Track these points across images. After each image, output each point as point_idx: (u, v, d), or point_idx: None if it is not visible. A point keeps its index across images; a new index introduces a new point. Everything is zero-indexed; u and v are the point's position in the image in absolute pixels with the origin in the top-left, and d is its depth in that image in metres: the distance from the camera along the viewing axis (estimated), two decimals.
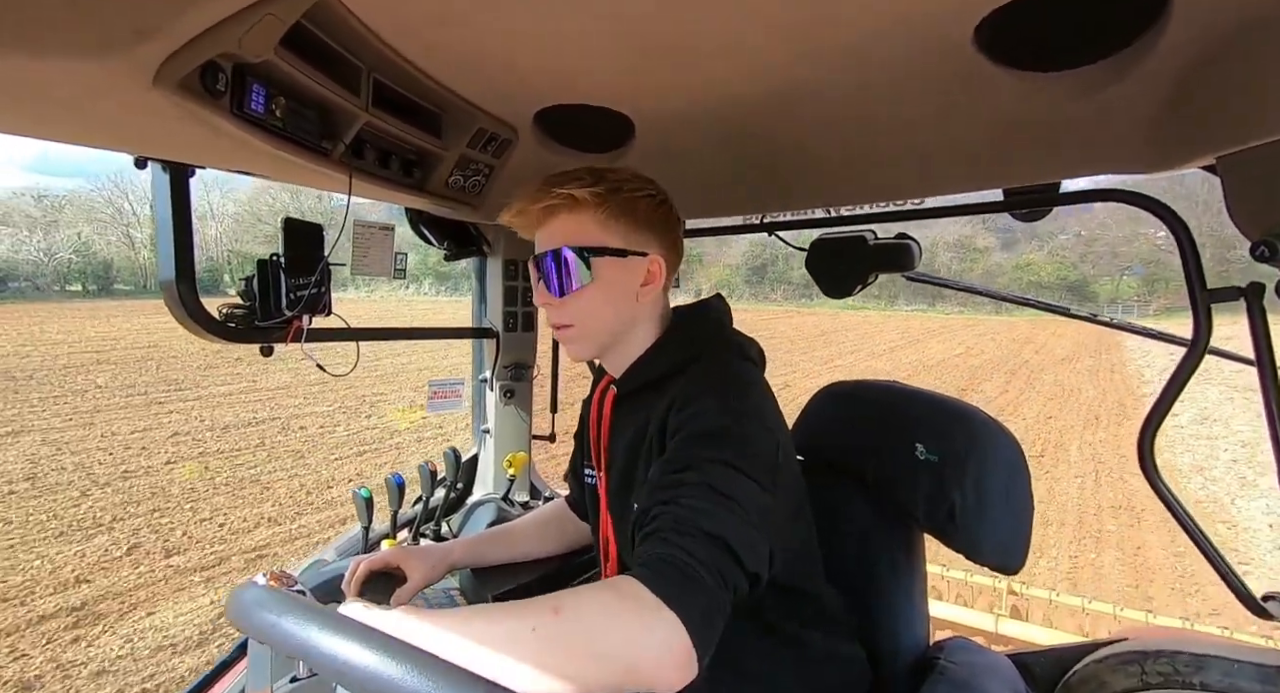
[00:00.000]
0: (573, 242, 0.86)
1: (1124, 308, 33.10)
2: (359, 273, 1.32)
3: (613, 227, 0.86)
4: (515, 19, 0.70)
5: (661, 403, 0.84)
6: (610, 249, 0.86)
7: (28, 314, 22.19)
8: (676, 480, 0.69)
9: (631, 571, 0.60)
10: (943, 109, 0.91)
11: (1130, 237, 35.45)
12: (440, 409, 1.75)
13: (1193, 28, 0.67)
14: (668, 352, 0.91)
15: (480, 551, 1.16)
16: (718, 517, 0.64)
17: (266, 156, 0.84)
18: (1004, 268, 39.80)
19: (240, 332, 1.06)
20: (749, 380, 0.85)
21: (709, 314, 0.97)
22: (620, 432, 0.95)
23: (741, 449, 0.72)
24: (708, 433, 0.74)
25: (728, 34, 0.73)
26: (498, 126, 1.06)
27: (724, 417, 0.75)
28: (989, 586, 2.82)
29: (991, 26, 0.70)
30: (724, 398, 0.78)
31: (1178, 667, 0.94)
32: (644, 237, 0.88)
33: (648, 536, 0.65)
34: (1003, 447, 0.99)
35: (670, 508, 0.66)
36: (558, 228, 0.87)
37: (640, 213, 0.88)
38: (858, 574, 1.07)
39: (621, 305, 0.89)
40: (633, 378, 0.92)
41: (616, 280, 0.87)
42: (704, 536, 0.62)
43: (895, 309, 29.01)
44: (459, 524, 1.63)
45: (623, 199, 0.86)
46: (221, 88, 0.68)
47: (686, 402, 0.80)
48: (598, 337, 0.91)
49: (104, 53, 0.55)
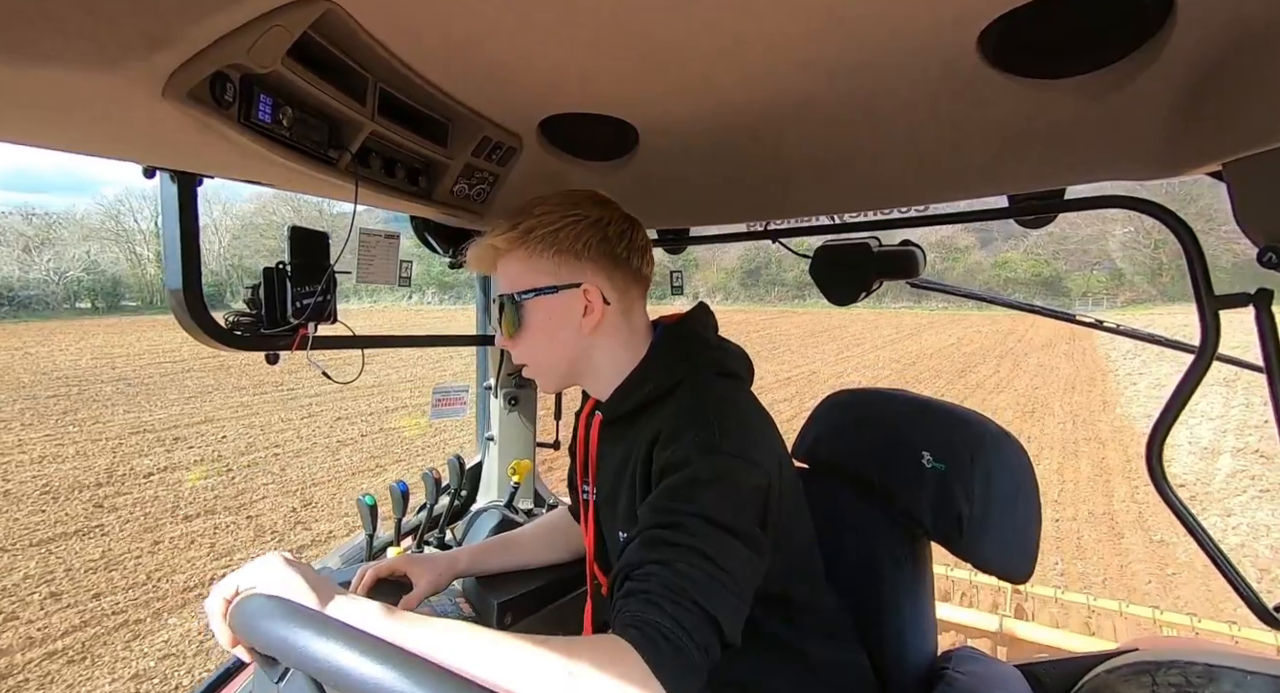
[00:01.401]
0: (507, 288, 0.90)
1: (1094, 301, 34.95)
2: (365, 281, 1.32)
3: (537, 264, 0.88)
4: (520, 29, 0.71)
5: (645, 433, 0.83)
6: (539, 288, 0.88)
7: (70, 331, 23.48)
8: (668, 539, 0.68)
9: (629, 633, 0.61)
10: (947, 116, 0.91)
11: (1098, 235, 36.58)
12: (444, 416, 1.75)
13: (1198, 34, 0.67)
14: (648, 379, 0.89)
15: (485, 558, 1.16)
16: (709, 588, 0.65)
17: (274, 166, 0.84)
18: (983, 265, 41.02)
19: (246, 340, 1.06)
20: (733, 407, 0.83)
21: (689, 331, 0.95)
22: (607, 456, 0.95)
23: (731, 502, 0.72)
24: (696, 481, 0.73)
25: (732, 43, 0.73)
26: (503, 135, 1.07)
27: (711, 460, 0.74)
28: (993, 585, 2.81)
29: (995, 34, 0.70)
30: (709, 435, 0.76)
31: (1190, 678, 0.93)
32: (576, 267, 0.88)
33: (640, 593, 0.65)
34: (1010, 456, 0.98)
35: (663, 571, 0.65)
36: (500, 273, 0.92)
37: (565, 243, 0.87)
38: (864, 583, 1.07)
39: (565, 340, 0.89)
40: (614, 406, 0.92)
41: (553, 317, 0.89)
42: (696, 608, 0.63)
43: (884, 307, 30.07)
44: (463, 532, 1.63)
45: (540, 235, 0.87)
46: (230, 98, 0.69)
47: (671, 438, 0.79)
48: (553, 371, 0.94)
49: (115, 63, 0.56)
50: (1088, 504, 5.64)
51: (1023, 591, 2.78)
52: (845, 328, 22.52)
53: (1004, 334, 18.63)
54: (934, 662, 1.06)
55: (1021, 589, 2.78)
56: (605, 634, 0.62)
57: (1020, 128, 0.91)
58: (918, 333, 20.59)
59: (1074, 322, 1.51)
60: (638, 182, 1.22)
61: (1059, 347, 14.85)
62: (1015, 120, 0.89)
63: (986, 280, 38.40)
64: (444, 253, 1.60)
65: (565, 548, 1.22)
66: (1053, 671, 1.10)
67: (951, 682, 0.97)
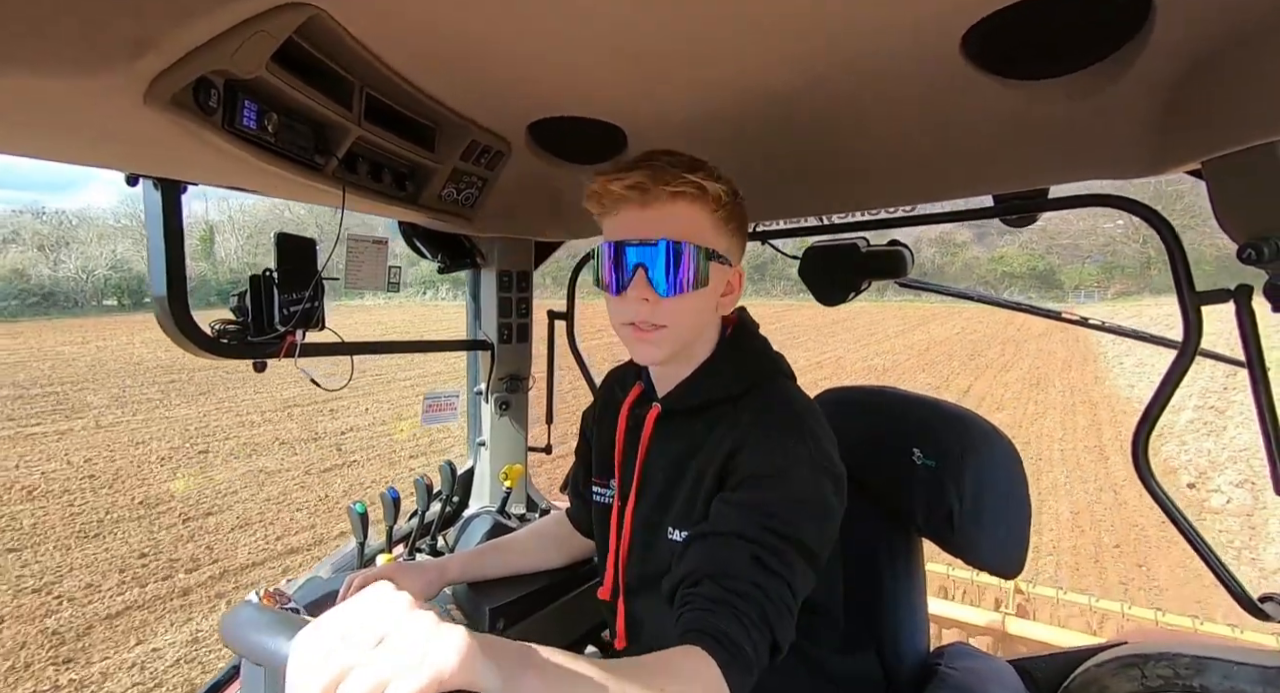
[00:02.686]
0: (694, 237, 0.78)
1: (1085, 293, 36.64)
2: (353, 287, 1.31)
3: (725, 230, 0.83)
4: (507, 33, 0.71)
5: (719, 431, 0.83)
6: (720, 253, 0.82)
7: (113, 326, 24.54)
8: (770, 565, 0.71)
9: (712, 645, 0.64)
10: (933, 117, 0.92)
11: (1089, 230, 38.07)
12: (435, 422, 1.74)
13: (1176, 35, 0.68)
14: (724, 376, 0.87)
15: (476, 565, 1.15)
16: (784, 618, 0.69)
17: (259, 172, 0.83)
18: (980, 260, 42.28)
19: (233, 347, 1.05)
20: (817, 414, 0.85)
21: (750, 332, 0.94)
22: (660, 452, 0.90)
23: (823, 529, 0.76)
24: (802, 500, 0.75)
25: (718, 45, 0.74)
26: (490, 139, 1.07)
27: (814, 478, 0.76)
28: (995, 584, 2.82)
29: (978, 36, 0.71)
30: (804, 441, 0.78)
31: (1178, 669, 0.94)
32: (737, 245, 0.87)
33: (732, 608, 0.67)
34: (1000, 452, 0.99)
35: (761, 597, 0.69)
36: (677, 215, 0.78)
37: (741, 221, 0.86)
38: (857, 581, 1.07)
39: (708, 314, 0.86)
40: (683, 398, 0.88)
41: (714, 288, 0.84)
42: (770, 634, 0.67)
43: (886, 300, 31.21)
44: (455, 538, 1.62)
45: (736, 205, 0.84)
46: (214, 104, 0.68)
47: (766, 442, 0.79)
48: (681, 341, 0.85)
49: (96, 69, 0.55)
50: (1084, 442, 7.74)
51: (1025, 590, 2.80)
52: (854, 320, 23.58)
53: (1003, 324, 19.78)
54: (927, 658, 1.06)
55: (1023, 589, 2.80)
56: (687, 648, 0.64)
57: (1004, 128, 0.92)
58: (923, 324, 21.95)
59: (1060, 319, 1.53)
60: None
61: (1055, 334, 15.98)
62: (999, 121, 0.90)
63: (983, 274, 39.80)
64: (433, 258, 1.60)
65: (558, 554, 1.21)
66: (1044, 665, 1.11)
67: (945, 677, 0.97)
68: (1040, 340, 15.96)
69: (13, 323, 27.59)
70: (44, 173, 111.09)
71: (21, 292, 35.69)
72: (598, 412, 1.06)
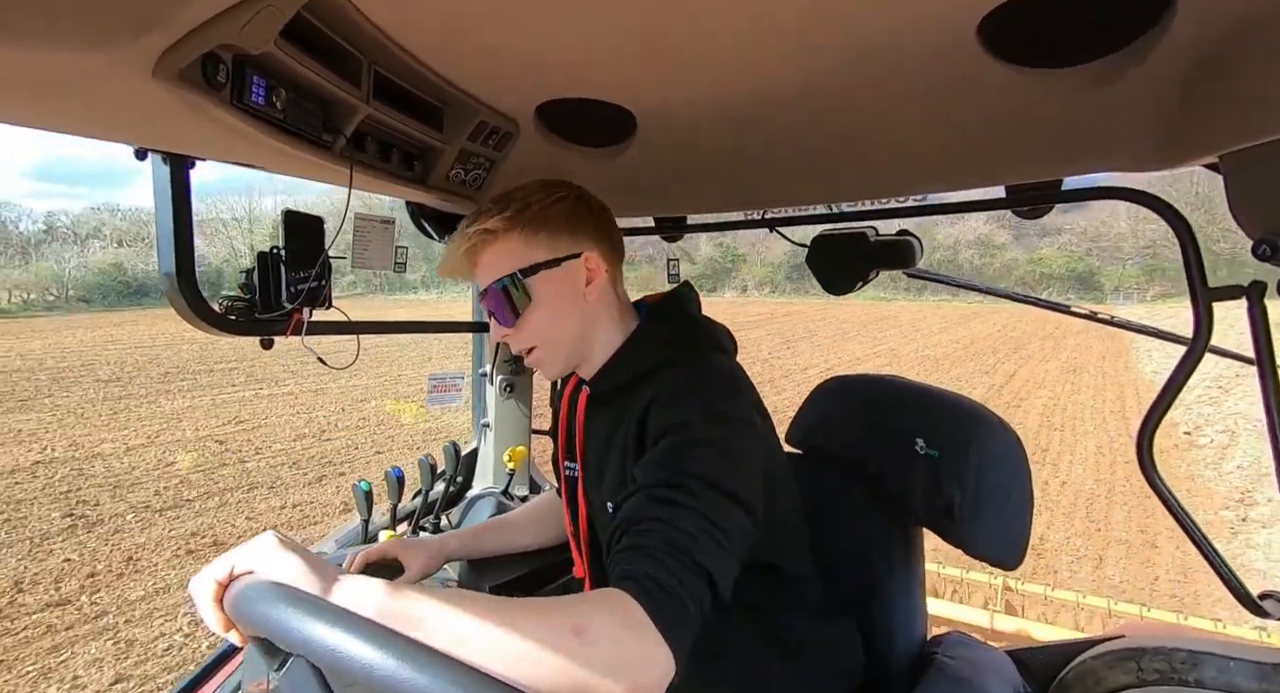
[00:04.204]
0: (504, 270, 0.87)
1: (1125, 295, 36.91)
2: (359, 266, 1.32)
3: (535, 241, 0.88)
4: (517, 12, 0.70)
5: (638, 401, 0.84)
6: (542, 263, 0.87)
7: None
8: (670, 498, 0.69)
9: (627, 584, 0.62)
10: (945, 105, 0.91)
11: (1130, 232, 38.19)
12: (440, 403, 1.75)
13: (1196, 25, 0.67)
14: (640, 353, 0.90)
15: (477, 542, 1.17)
16: (708, 549, 0.66)
17: (267, 149, 0.83)
18: (1019, 262, 42.38)
19: (241, 324, 1.06)
20: (730, 375, 0.86)
21: (678, 308, 0.97)
22: (595, 430, 0.95)
23: (732, 464, 0.73)
24: (697, 442, 0.74)
25: (730, 28, 0.73)
26: (499, 120, 1.06)
27: (713, 425, 0.76)
28: (984, 582, 2.85)
29: (994, 23, 0.70)
30: (710, 400, 0.79)
31: (1174, 663, 0.95)
32: (570, 239, 0.89)
33: (639, 548, 0.66)
34: (1003, 443, 0.99)
35: (665, 528, 0.66)
36: (487, 263, 0.89)
37: (559, 218, 0.89)
38: (856, 569, 1.08)
39: (573, 312, 0.90)
40: (605, 379, 0.93)
41: (559, 290, 0.88)
42: (695, 567, 0.65)
43: (923, 300, 32.00)
44: (458, 518, 1.64)
45: (535, 213, 0.87)
46: (222, 79, 0.68)
47: (671, 400, 0.80)
48: (564, 349, 0.92)
49: (105, 43, 0.55)
50: (1110, 408, 9.43)
51: (1013, 587, 2.83)
52: (897, 317, 24.72)
53: (1042, 322, 20.49)
54: (924, 646, 1.07)
55: (1012, 586, 2.83)
56: (605, 588, 0.63)
57: (1018, 118, 0.91)
58: (964, 322, 22.67)
59: (1069, 313, 1.52)
60: (635, 169, 1.22)
61: (1092, 331, 17.16)
62: (1013, 110, 0.89)
63: (1022, 275, 39.99)
64: (439, 239, 1.60)
65: (556, 530, 1.23)
66: (1040, 656, 1.12)
67: (941, 666, 0.98)
68: (1078, 337, 17.08)
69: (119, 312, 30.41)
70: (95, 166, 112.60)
71: (120, 284, 38.67)
72: (555, 396, 1.10)
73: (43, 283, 36.47)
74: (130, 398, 10.14)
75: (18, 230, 46.80)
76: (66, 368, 13.14)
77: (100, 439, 7.64)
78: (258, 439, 7.72)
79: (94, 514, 5.21)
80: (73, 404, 9.65)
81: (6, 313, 31.52)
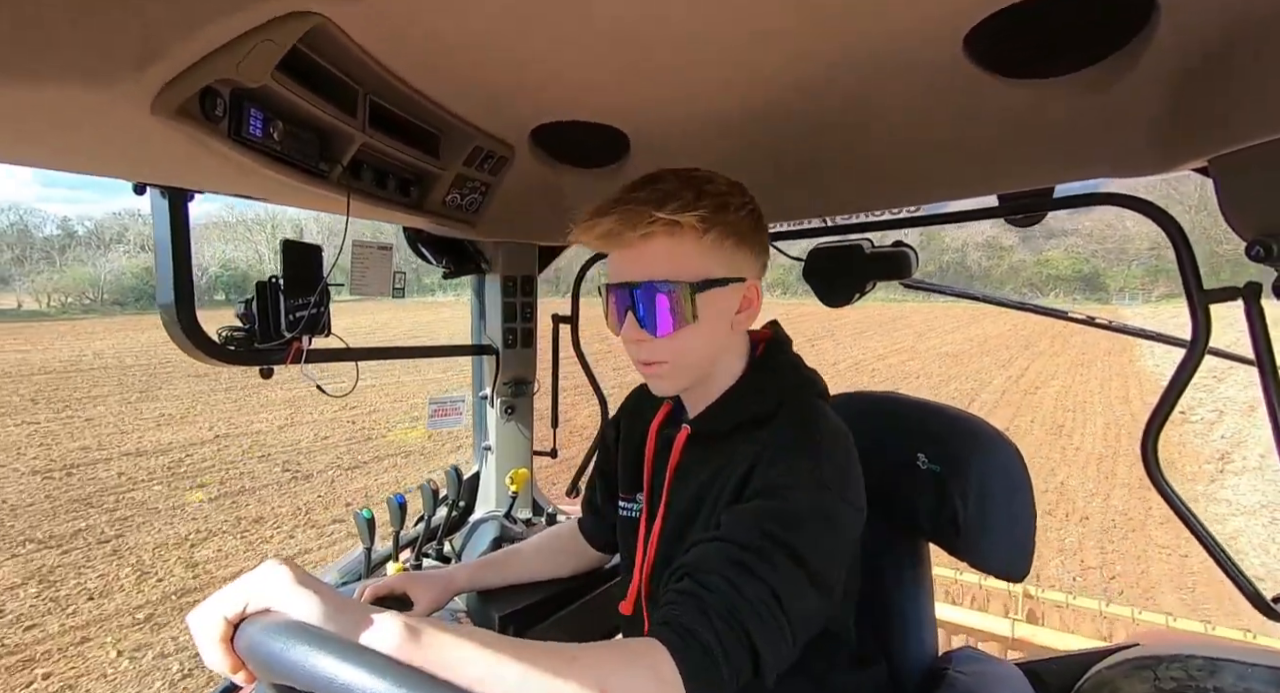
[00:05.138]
0: (675, 275, 0.75)
1: (1130, 295, 37.94)
2: (358, 293, 1.32)
3: (717, 253, 0.77)
4: (509, 39, 0.71)
5: (745, 446, 0.80)
6: (714, 280, 0.77)
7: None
8: (749, 564, 0.65)
9: (666, 632, 0.60)
10: (936, 117, 0.92)
11: (1135, 235, 39.19)
12: (441, 426, 1.74)
13: (1181, 32, 0.68)
14: (754, 396, 0.84)
15: (485, 574, 1.14)
16: (764, 626, 0.63)
17: (265, 180, 0.84)
18: (1026, 264, 43.47)
19: (239, 354, 1.06)
20: (842, 440, 0.80)
21: (783, 348, 0.90)
22: (690, 474, 0.88)
23: (823, 545, 0.69)
24: (797, 515, 0.70)
25: (721, 48, 0.74)
26: (494, 145, 1.07)
27: (817, 496, 0.72)
28: (1003, 589, 2.80)
29: (982, 35, 0.71)
30: (816, 460, 0.74)
31: (1191, 671, 0.93)
32: (744, 259, 0.81)
33: (695, 600, 0.63)
34: (1004, 456, 0.99)
35: (729, 592, 0.63)
36: (657, 254, 0.76)
37: (743, 232, 0.80)
38: (864, 586, 1.06)
39: (718, 338, 0.82)
40: (715, 421, 0.85)
41: (717, 313, 0.79)
42: (744, 636, 0.62)
43: (933, 302, 33.12)
44: (461, 543, 1.62)
45: (729, 218, 0.77)
46: (220, 113, 0.69)
47: (777, 459, 0.75)
48: (691, 372, 0.83)
49: (104, 79, 0.55)
50: (1116, 394, 10.71)
51: (1034, 595, 2.78)
52: (909, 318, 26.27)
53: (1050, 321, 21.97)
54: (935, 662, 1.05)
55: (1033, 593, 2.78)
56: (642, 639, 0.61)
57: (1009, 127, 0.92)
58: (975, 322, 24.14)
59: (1066, 319, 1.52)
60: None
61: (1092, 333, 20.41)
62: (1004, 120, 0.90)
63: (1029, 277, 41.17)
64: (437, 263, 1.60)
65: (568, 563, 1.19)
66: (1054, 668, 1.10)
67: (953, 682, 0.96)
68: (1086, 333, 18.30)
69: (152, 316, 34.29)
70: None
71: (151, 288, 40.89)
72: (623, 426, 1.03)
73: (80, 287, 37.40)
74: (235, 389, 11.25)
75: (40, 235, 50.02)
76: (146, 365, 14.25)
77: (249, 421, 9.05)
78: (372, 423, 9.00)
79: (302, 471, 6.87)
80: (189, 394, 10.92)
81: (46, 316, 32.61)
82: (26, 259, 46.19)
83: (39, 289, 37.88)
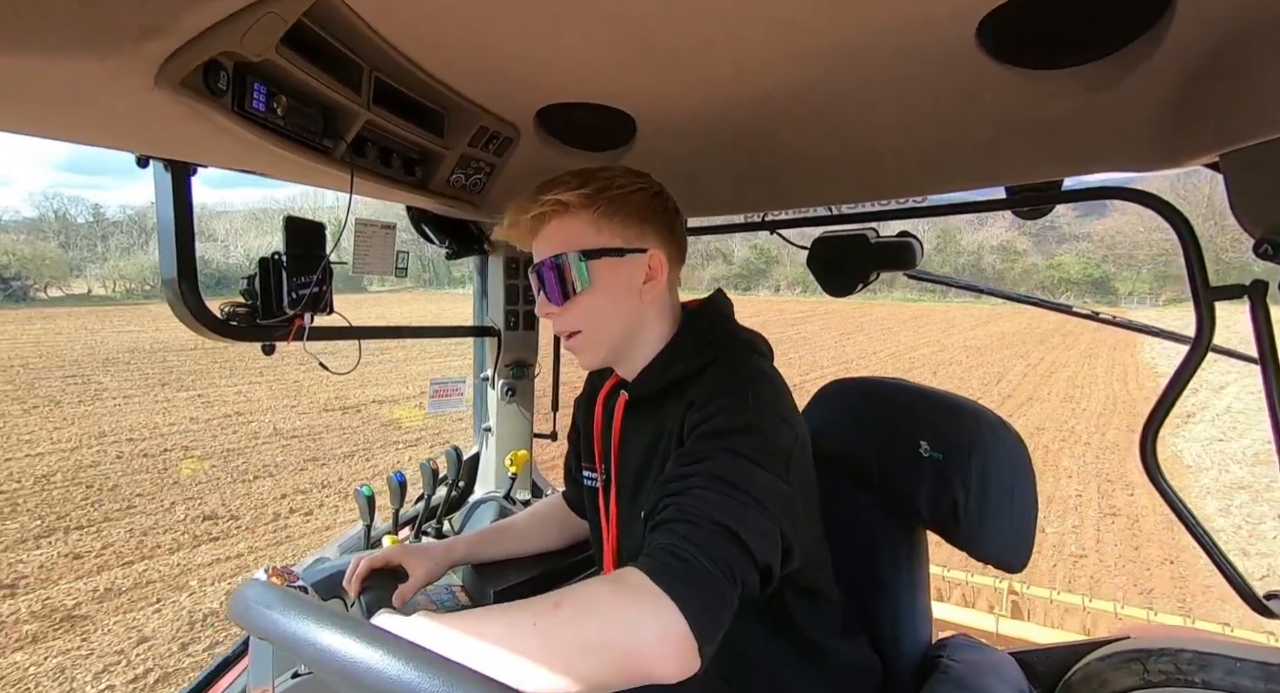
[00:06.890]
0: (567, 247, 0.84)
1: (1138, 299, 38.87)
2: (360, 271, 1.32)
3: (606, 226, 0.85)
4: (517, 17, 0.70)
5: (678, 406, 0.83)
6: (607, 249, 0.84)
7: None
8: (687, 472, 0.68)
9: (639, 561, 0.60)
10: (945, 107, 0.91)
11: (1144, 242, 39.90)
12: (442, 408, 1.75)
13: (1197, 25, 0.67)
14: (682, 355, 0.88)
15: (481, 547, 1.17)
16: (727, 507, 0.63)
17: (268, 155, 0.84)
18: (1039, 267, 44.29)
19: (242, 330, 1.06)
20: (767, 376, 0.84)
21: (717, 313, 0.95)
22: (634, 437, 0.93)
23: (757, 442, 0.72)
24: (724, 429, 0.73)
25: (730, 32, 0.73)
26: (499, 125, 1.06)
27: (742, 413, 0.74)
28: (989, 586, 2.84)
29: (993, 25, 0.70)
30: (742, 396, 0.77)
31: (1180, 665, 0.94)
32: (641, 232, 0.87)
33: (656, 527, 0.65)
34: (1007, 445, 0.99)
35: (679, 499, 0.65)
36: (551, 234, 0.86)
37: (634, 208, 0.86)
38: (860, 572, 1.07)
39: (626, 306, 0.87)
40: (647, 383, 0.90)
41: (618, 281, 0.85)
42: (712, 525, 0.62)
43: (949, 302, 33.75)
44: (460, 523, 1.63)
45: (613, 196, 0.85)
46: (223, 86, 0.68)
47: (706, 401, 0.78)
48: (607, 341, 0.89)
49: (108, 51, 0.55)
50: (1119, 380, 12.58)
51: (1019, 591, 2.81)
52: (929, 317, 27.56)
53: (1062, 320, 27.16)
54: (929, 650, 1.07)
55: (1018, 589, 2.81)
56: (620, 571, 0.61)
57: (1018, 119, 0.91)
58: (991, 321, 25.37)
59: (1071, 313, 1.52)
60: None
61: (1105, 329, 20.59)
62: (1013, 111, 0.89)
63: (1041, 280, 42.03)
64: (440, 243, 1.60)
65: (559, 535, 1.23)
66: (1046, 658, 1.11)
67: (946, 669, 0.98)
68: (1096, 332, 19.57)
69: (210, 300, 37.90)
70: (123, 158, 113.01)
71: (205, 275, 42.96)
72: (582, 400, 1.08)
73: (141, 273, 38.60)
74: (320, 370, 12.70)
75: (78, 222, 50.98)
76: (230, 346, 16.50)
77: (345, 395, 10.23)
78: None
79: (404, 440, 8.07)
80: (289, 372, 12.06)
81: (114, 301, 34.24)
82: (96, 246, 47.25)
83: (106, 275, 39.35)
